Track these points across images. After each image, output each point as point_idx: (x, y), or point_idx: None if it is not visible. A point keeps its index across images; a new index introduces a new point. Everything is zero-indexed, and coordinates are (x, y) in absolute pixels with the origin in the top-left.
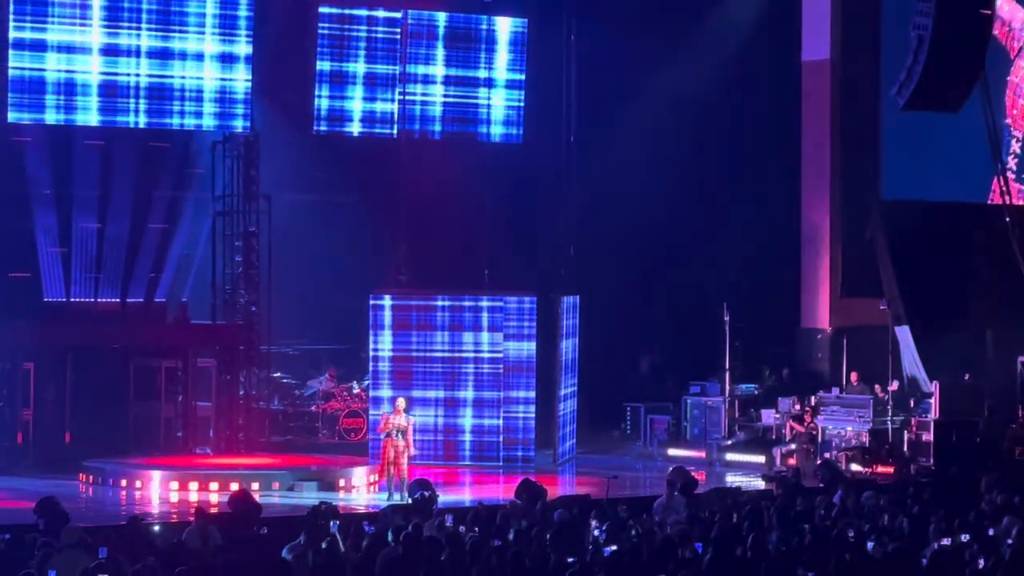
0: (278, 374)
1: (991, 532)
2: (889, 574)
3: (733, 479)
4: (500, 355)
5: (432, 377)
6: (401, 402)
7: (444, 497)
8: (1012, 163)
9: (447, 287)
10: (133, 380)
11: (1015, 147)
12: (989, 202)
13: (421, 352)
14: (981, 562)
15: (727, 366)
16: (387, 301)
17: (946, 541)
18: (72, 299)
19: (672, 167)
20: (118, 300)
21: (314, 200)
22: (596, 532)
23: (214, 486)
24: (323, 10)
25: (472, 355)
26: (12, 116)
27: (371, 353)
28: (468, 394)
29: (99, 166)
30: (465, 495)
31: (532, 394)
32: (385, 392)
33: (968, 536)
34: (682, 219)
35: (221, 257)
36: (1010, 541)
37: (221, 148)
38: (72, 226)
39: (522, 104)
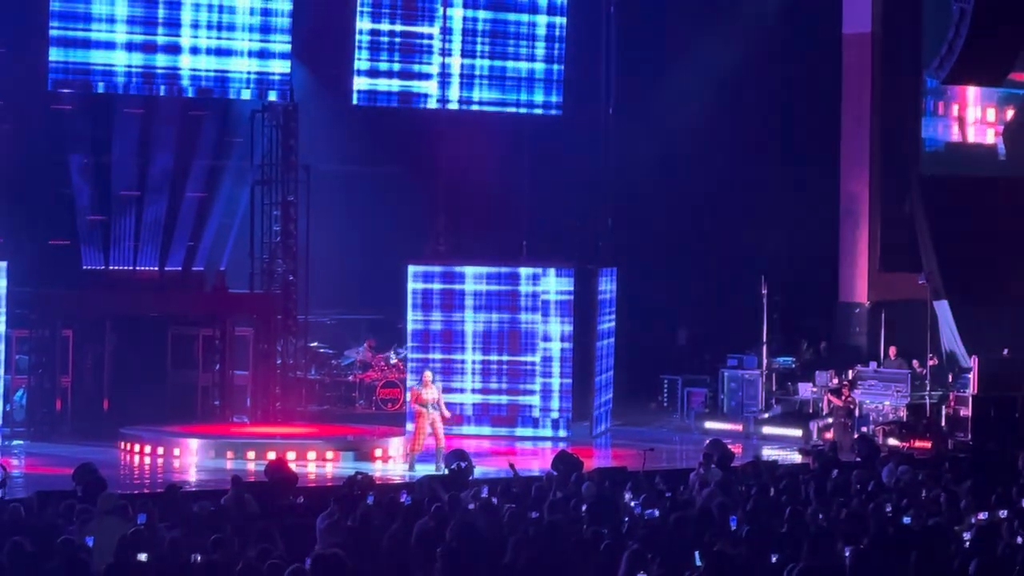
0: (315, 344)
1: None
2: (929, 548)
3: (770, 452)
4: (538, 327)
5: (469, 348)
6: (428, 374)
7: (481, 468)
8: None
9: (485, 258)
10: (171, 348)
11: None
12: None
13: (459, 323)
14: (1020, 538)
15: (764, 339)
16: (425, 271)
17: (982, 516)
18: (111, 267)
19: (711, 139)
20: (156, 268)
21: (352, 170)
22: (632, 504)
23: (251, 455)
24: None
25: (509, 327)
26: (53, 84)
27: (409, 323)
28: (505, 366)
29: (139, 135)
30: (502, 467)
31: (569, 366)
32: (424, 362)
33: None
34: (720, 191)
35: (259, 226)
36: None
37: (260, 117)
38: (111, 195)
39: (562, 74)
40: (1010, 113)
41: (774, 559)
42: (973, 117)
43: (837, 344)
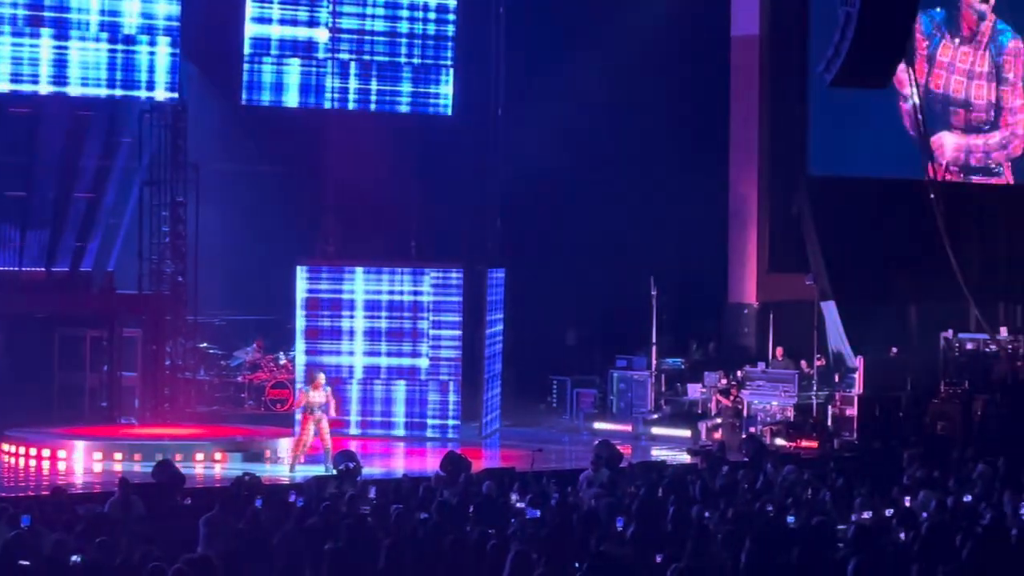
0: (204, 344)
1: (911, 505)
2: (811, 546)
3: (658, 453)
4: (426, 327)
5: (358, 350)
6: (321, 377)
7: (369, 469)
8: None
9: (374, 259)
10: (58, 349)
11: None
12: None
13: (347, 324)
14: (902, 535)
15: (654, 340)
16: (314, 272)
17: (867, 515)
18: None
19: (601, 140)
20: (43, 269)
21: (242, 170)
22: (519, 505)
23: (138, 456)
24: None
25: (397, 327)
26: None
27: (298, 324)
28: (393, 366)
29: (25, 134)
30: (390, 467)
31: (458, 367)
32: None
33: (891, 510)
34: (610, 192)
35: (148, 227)
36: (926, 515)
37: (149, 117)
38: None
39: (451, 75)
40: None
41: (659, 559)
42: None
43: (726, 345)
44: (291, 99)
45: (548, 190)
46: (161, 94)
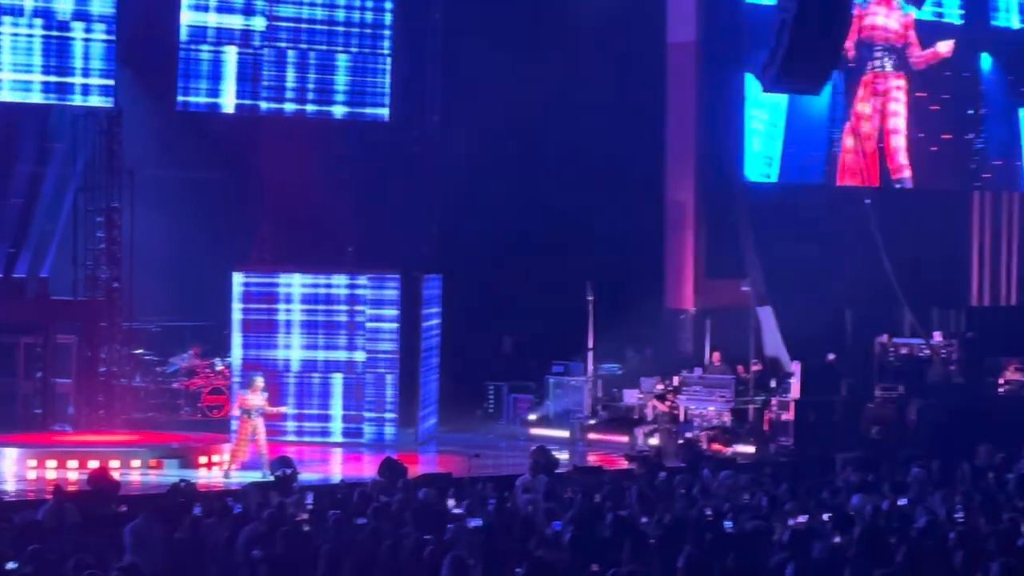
0: (140, 351)
1: (847, 509)
2: (747, 551)
3: (595, 458)
4: (362, 333)
5: (295, 367)
6: (259, 380)
7: (306, 475)
8: None
9: (310, 265)
10: None
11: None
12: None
13: (284, 329)
14: (837, 539)
15: (590, 346)
16: (250, 278)
17: (803, 519)
18: None
19: (537, 146)
20: None
21: (178, 176)
22: (456, 510)
23: (72, 464)
24: None
25: (335, 333)
26: None
27: (234, 330)
28: (331, 373)
29: None
30: (327, 473)
31: (395, 373)
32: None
33: (826, 514)
34: (547, 198)
35: (83, 233)
36: (862, 518)
37: (83, 123)
38: None
39: (388, 81)
40: None
41: (595, 566)
42: None
43: (663, 350)
44: (226, 104)
45: (484, 196)
46: (96, 100)
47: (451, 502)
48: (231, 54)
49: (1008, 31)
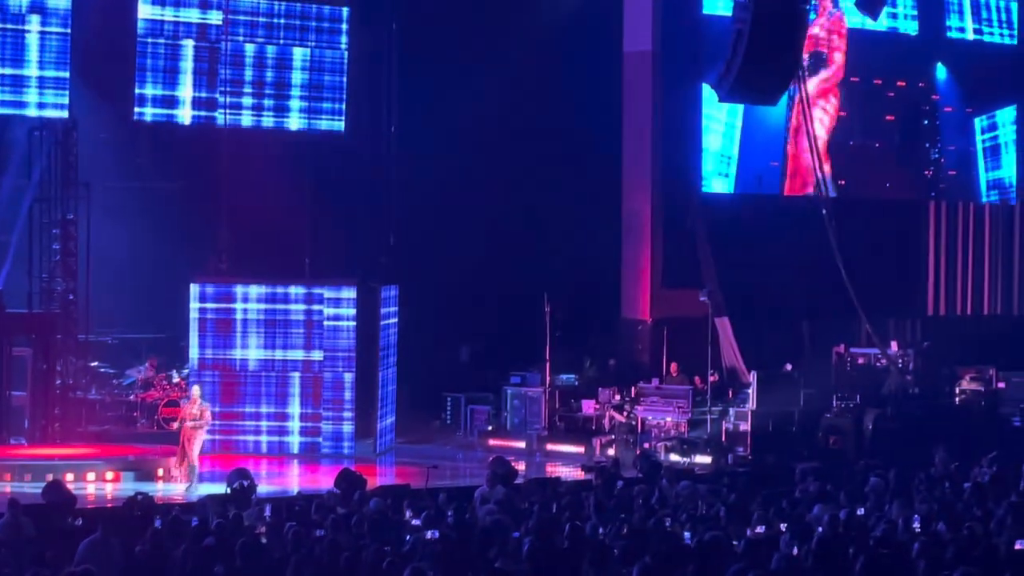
0: (96, 363)
1: (805, 519)
2: (705, 562)
3: (553, 469)
4: (320, 344)
5: (252, 366)
6: (196, 390)
7: (264, 487)
8: None
9: (267, 276)
10: None
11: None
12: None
13: (241, 340)
14: (795, 549)
15: (547, 356)
16: (207, 289)
17: (760, 529)
18: None
19: (494, 156)
20: None
21: (134, 187)
22: (415, 522)
23: (28, 477)
24: None
25: (292, 344)
26: None
27: (191, 342)
28: (288, 384)
29: None
30: (285, 485)
31: (351, 383)
32: (212, 383)
33: (783, 524)
34: (503, 208)
35: (38, 244)
36: (820, 528)
37: (38, 134)
38: None
39: (344, 93)
40: None
41: None
42: None
43: (620, 361)
44: (183, 116)
45: (441, 206)
46: (51, 111)
47: (409, 513)
48: (187, 63)
49: (963, 42)
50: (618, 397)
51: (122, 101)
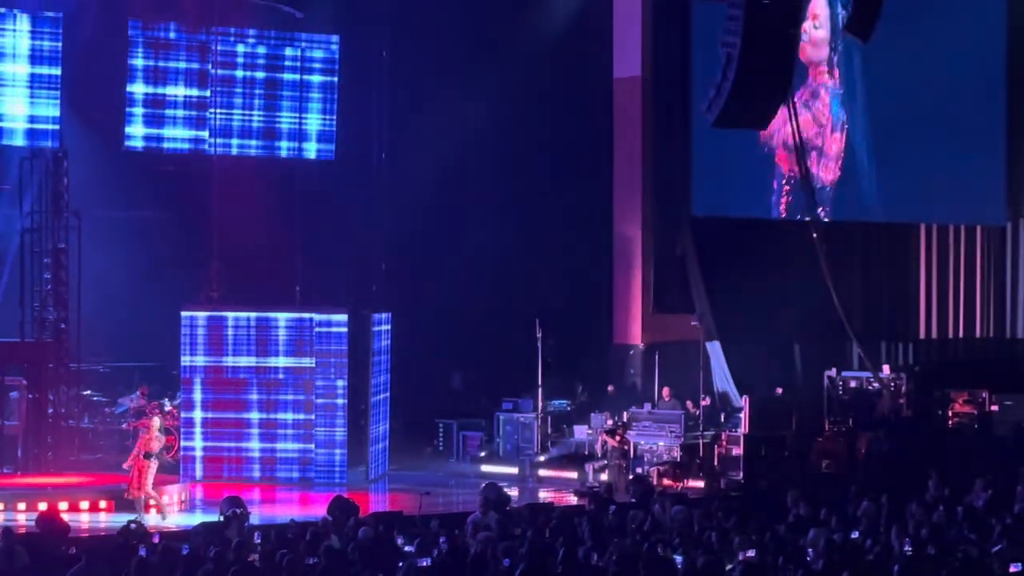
0: (88, 392)
1: (799, 543)
2: None
3: (546, 495)
4: (311, 372)
5: (244, 394)
6: (156, 422)
7: (255, 515)
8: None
9: (258, 304)
10: None
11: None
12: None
13: (232, 369)
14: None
15: (539, 382)
16: (198, 318)
17: (751, 553)
18: None
19: (485, 183)
20: None
21: (125, 216)
22: (407, 548)
23: (21, 506)
24: (133, 23)
25: (283, 372)
26: None
27: (182, 371)
28: (280, 412)
29: None
30: (278, 513)
31: (343, 411)
32: (197, 412)
33: (775, 548)
34: (494, 235)
35: (29, 274)
36: (812, 552)
37: (29, 164)
38: None
39: (334, 121)
40: None
41: None
42: None
43: (613, 385)
44: (173, 145)
45: (433, 233)
46: (42, 140)
47: (401, 540)
48: (178, 90)
49: None
50: (610, 422)
51: (112, 129)
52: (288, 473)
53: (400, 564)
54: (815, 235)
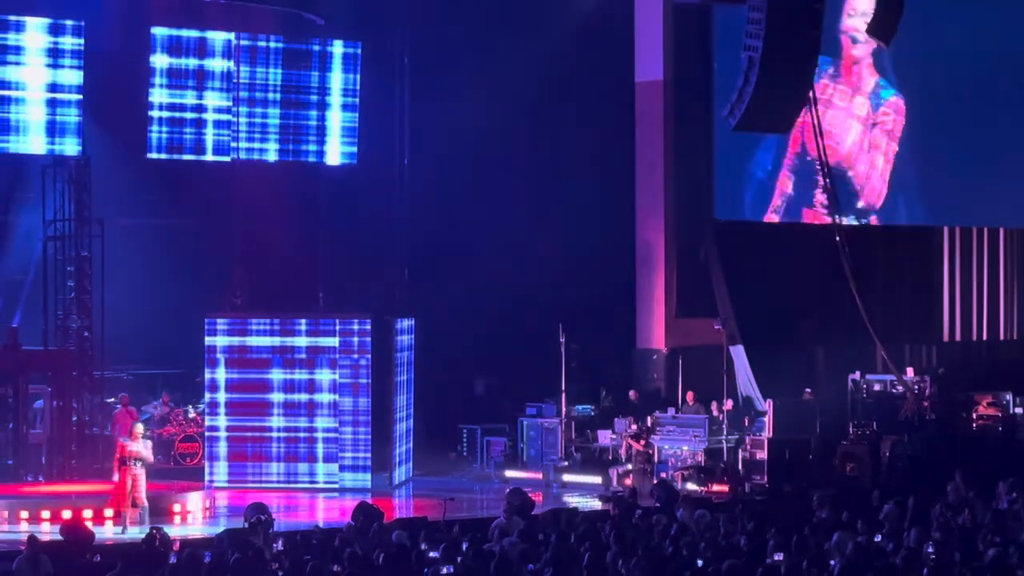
0: (112, 399)
1: (824, 547)
2: None
3: (570, 500)
4: (335, 378)
5: (268, 401)
6: (139, 428)
7: (281, 521)
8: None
9: (282, 310)
10: None
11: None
12: (820, 222)
13: (256, 376)
14: None
15: (563, 387)
16: (222, 325)
17: (779, 557)
18: None
19: (507, 188)
20: None
21: (148, 224)
22: (432, 554)
23: (46, 515)
24: (155, 31)
25: (307, 378)
26: None
27: (206, 377)
28: (304, 418)
29: None
30: (302, 519)
31: (368, 417)
32: (221, 420)
33: (801, 551)
34: (517, 240)
35: (53, 282)
36: (838, 556)
37: (52, 172)
38: None
39: (356, 127)
40: None
41: None
42: None
43: (636, 390)
44: (196, 152)
45: (455, 238)
46: (65, 148)
47: (425, 545)
48: (199, 100)
49: None
50: (634, 427)
51: (135, 137)
52: (312, 479)
53: (425, 570)
54: (838, 238)
